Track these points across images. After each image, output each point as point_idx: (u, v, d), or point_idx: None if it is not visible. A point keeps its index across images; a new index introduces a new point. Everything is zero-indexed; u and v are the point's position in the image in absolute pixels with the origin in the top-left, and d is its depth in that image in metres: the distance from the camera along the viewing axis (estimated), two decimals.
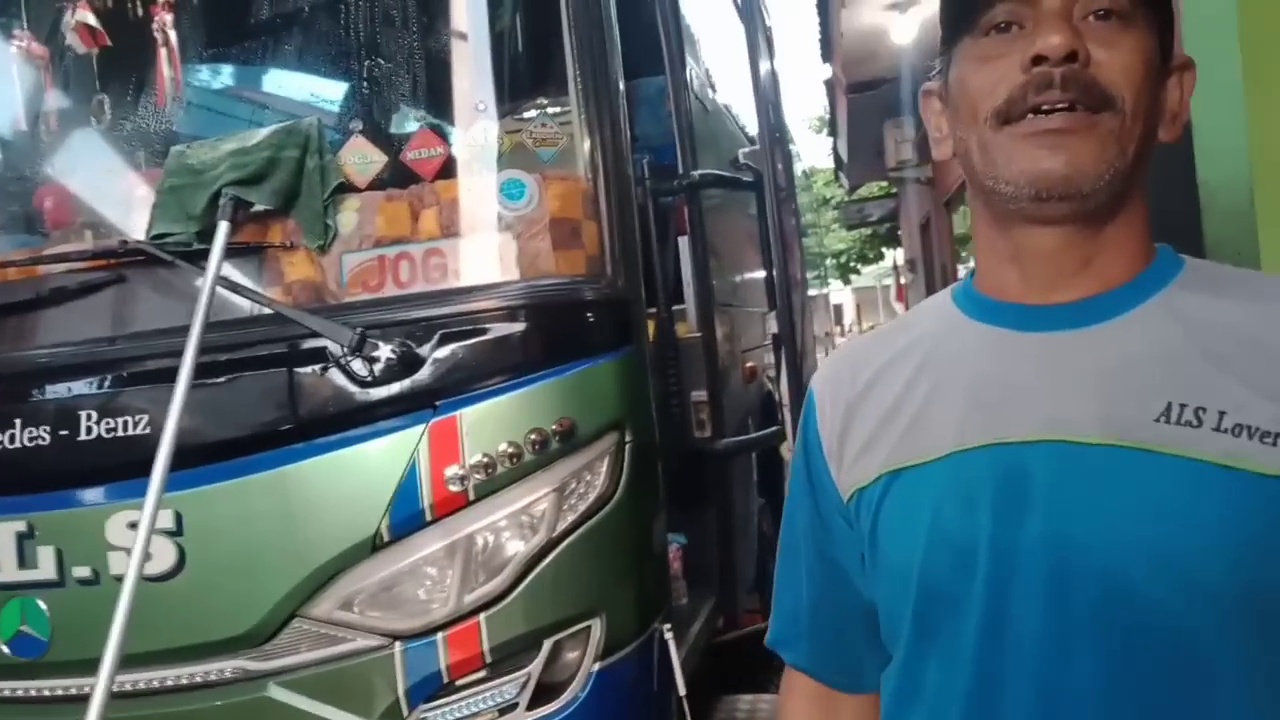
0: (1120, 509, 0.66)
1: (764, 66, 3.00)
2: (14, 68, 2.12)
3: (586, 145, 1.90)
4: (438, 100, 1.99)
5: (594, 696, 1.77)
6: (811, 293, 8.55)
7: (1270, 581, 0.63)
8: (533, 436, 1.73)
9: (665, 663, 1.92)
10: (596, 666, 1.79)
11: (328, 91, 2.21)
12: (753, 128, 3.86)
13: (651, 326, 2.62)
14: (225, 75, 2.34)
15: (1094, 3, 0.69)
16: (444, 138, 1.91)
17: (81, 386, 1.86)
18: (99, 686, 1.38)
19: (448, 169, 1.89)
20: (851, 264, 20.67)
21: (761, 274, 3.42)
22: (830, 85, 8.70)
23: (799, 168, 8.94)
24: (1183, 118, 0.75)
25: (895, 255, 19.44)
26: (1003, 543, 0.69)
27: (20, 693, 1.82)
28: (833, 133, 10.84)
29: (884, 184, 13.42)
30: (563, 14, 1.91)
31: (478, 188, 1.86)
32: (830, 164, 14.84)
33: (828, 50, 7.75)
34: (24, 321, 1.92)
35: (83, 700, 1.49)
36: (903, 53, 7.03)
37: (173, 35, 2.05)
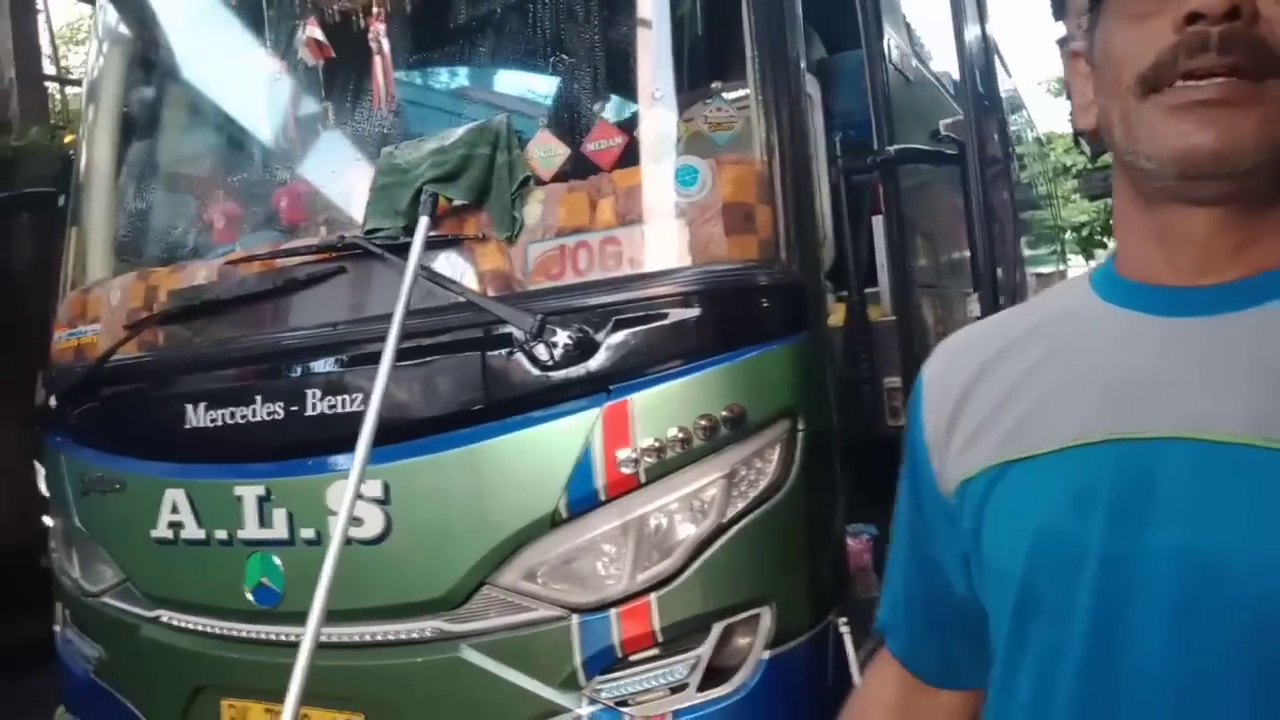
0: (1267, 521, 0.57)
1: (971, 31, 2.82)
2: (258, 83, 2.39)
3: (761, 128, 1.87)
4: (617, 89, 2.04)
5: (764, 684, 1.77)
6: (1046, 270, 7.94)
7: None
8: (702, 422, 1.74)
9: (841, 656, 1.88)
10: (767, 654, 1.78)
11: (517, 87, 2.33)
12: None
13: (842, 310, 2.55)
14: (429, 77, 2.52)
15: None
16: (622, 128, 1.96)
17: (309, 367, 2.08)
18: (306, 639, 1.55)
19: (626, 158, 1.93)
20: (1096, 237, 18.94)
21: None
22: (1063, 44, 7.98)
23: (1032, 134, 8.30)
24: None
25: None
26: (1117, 552, 0.61)
27: (263, 636, 2.08)
28: (1070, 95, 9.97)
29: None
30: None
31: (652, 175, 1.88)
32: (1069, 129, 13.66)
33: (1059, 5, 7.12)
34: (262, 309, 2.17)
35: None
36: None
37: (385, 44, 2.23)
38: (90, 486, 2.38)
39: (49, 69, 7.02)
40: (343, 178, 2.34)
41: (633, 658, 1.78)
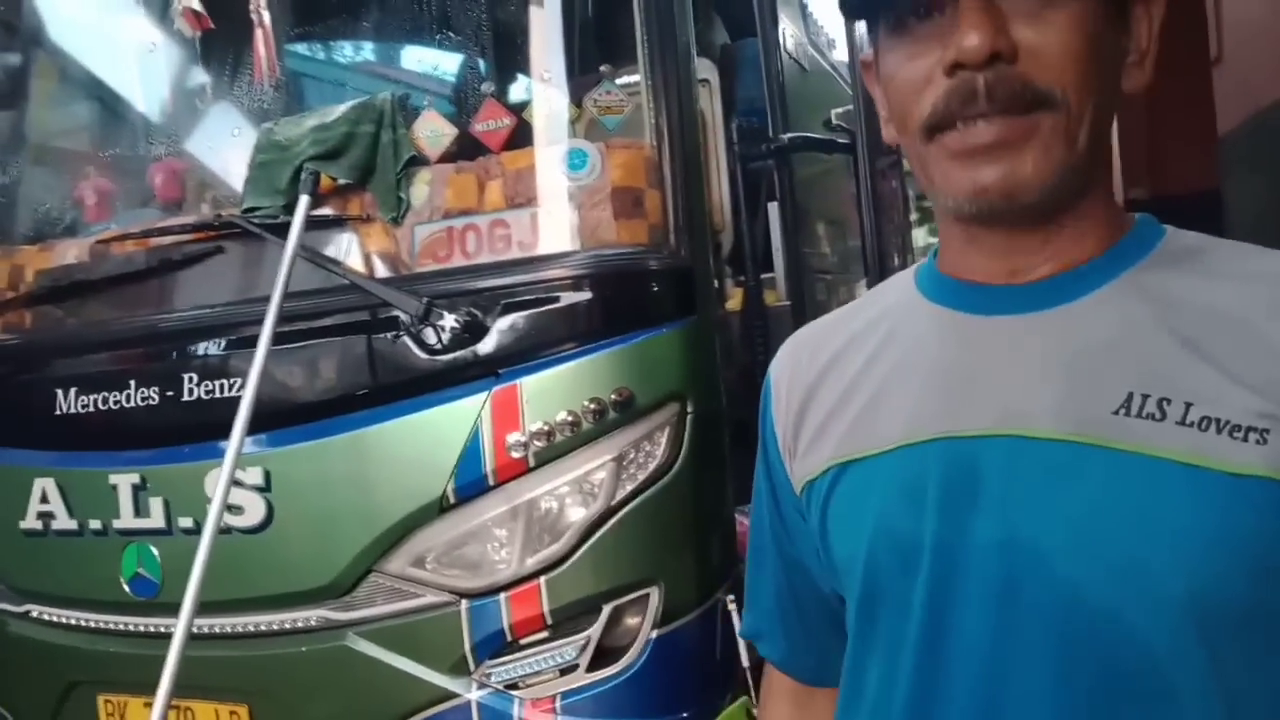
0: (1077, 511, 0.61)
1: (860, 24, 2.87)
2: (129, 55, 2.28)
3: (650, 113, 1.88)
4: (508, 70, 2.02)
5: (652, 662, 1.79)
6: None
7: (1234, 594, 0.57)
8: (591, 405, 1.75)
9: (730, 633, 1.92)
10: (655, 633, 1.80)
11: (404, 64, 2.28)
12: None
13: (740, 295, 2.59)
14: (314, 52, 2.44)
15: None
16: (511, 109, 1.94)
17: (186, 350, 2.00)
18: (178, 631, 1.51)
19: (516, 140, 1.92)
20: None
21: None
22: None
23: None
24: (1152, 54, 0.66)
25: None
26: (947, 544, 0.64)
27: (140, 628, 2.01)
28: None
29: None
30: None
31: (542, 158, 1.87)
32: None
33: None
34: (136, 290, 2.09)
35: (194, 639, 1.63)
36: None
37: (267, 16, 2.15)
38: None
39: None
40: (222, 154, 2.25)
41: (523, 641, 1.78)
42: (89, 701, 2.08)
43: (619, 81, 2.01)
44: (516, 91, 2.01)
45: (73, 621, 2.09)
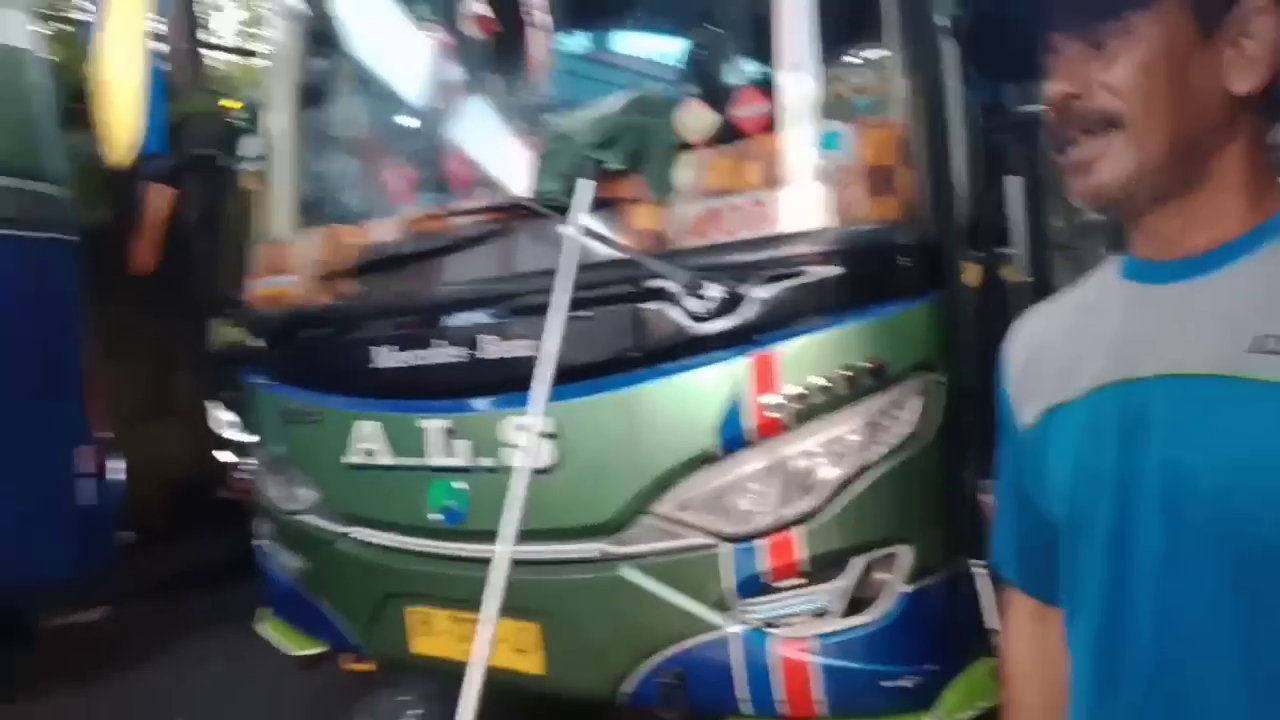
0: (1221, 435, 0.76)
1: None
2: (430, 56, 2.61)
3: (900, 92, 1.97)
4: (762, 55, 2.15)
5: (901, 615, 1.93)
6: None
7: None
8: (844, 373, 1.89)
9: (977, 599, 2.01)
10: (905, 589, 1.94)
11: (667, 55, 2.46)
12: None
13: (976, 271, 2.61)
14: (584, 46, 2.68)
15: (1083, 28, 0.80)
16: (766, 94, 2.08)
17: (484, 316, 2.32)
18: (499, 558, 1.80)
19: (771, 123, 2.06)
20: None
21: None
22: None
23: None
24: (1267, 60, 0.79)
25: None
26: (1126, 469, 0.81)
27: (445, 552, 2.37)
28: None
29: None
30: None
31: (796, 140, 2.00)
32: None
33: None
34: (443, 263, 2.42)
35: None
36: None
37: (542, 16, 2.41)
38: (289, 418, 2.71)
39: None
40: (505, 143, 2.54)
41: (778, 585, 1.97)
42: (401, 612, 2.47)
43: (866, 58, 2.10)
44: (770, 76, 2.14)
45: (385, 543, 2.48)
